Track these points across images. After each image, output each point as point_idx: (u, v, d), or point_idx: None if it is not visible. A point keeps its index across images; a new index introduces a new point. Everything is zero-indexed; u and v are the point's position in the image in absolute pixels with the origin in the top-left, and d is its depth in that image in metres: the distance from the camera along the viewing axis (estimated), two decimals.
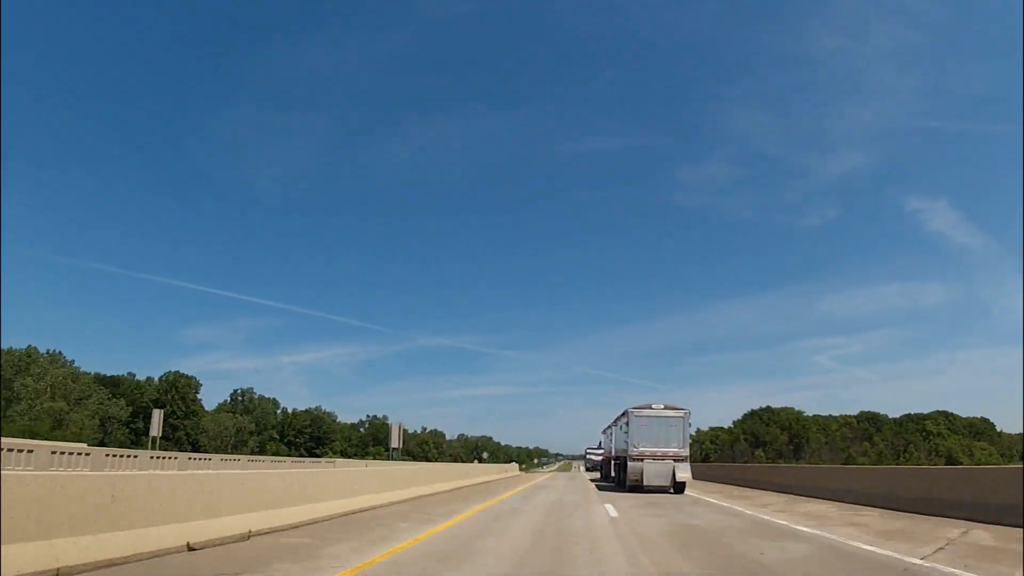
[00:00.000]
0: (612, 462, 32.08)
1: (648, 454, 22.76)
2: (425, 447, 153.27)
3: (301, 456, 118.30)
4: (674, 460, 22.61)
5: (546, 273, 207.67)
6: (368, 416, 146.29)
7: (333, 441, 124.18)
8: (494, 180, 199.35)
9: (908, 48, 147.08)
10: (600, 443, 46.13)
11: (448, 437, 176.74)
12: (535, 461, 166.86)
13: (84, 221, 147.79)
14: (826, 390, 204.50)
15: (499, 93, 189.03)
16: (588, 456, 78.85)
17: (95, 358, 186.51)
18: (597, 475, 46.78)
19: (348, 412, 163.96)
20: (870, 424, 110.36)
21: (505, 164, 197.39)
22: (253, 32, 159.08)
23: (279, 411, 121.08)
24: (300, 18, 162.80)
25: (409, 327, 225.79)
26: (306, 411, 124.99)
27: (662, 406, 23.70)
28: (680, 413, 23.47)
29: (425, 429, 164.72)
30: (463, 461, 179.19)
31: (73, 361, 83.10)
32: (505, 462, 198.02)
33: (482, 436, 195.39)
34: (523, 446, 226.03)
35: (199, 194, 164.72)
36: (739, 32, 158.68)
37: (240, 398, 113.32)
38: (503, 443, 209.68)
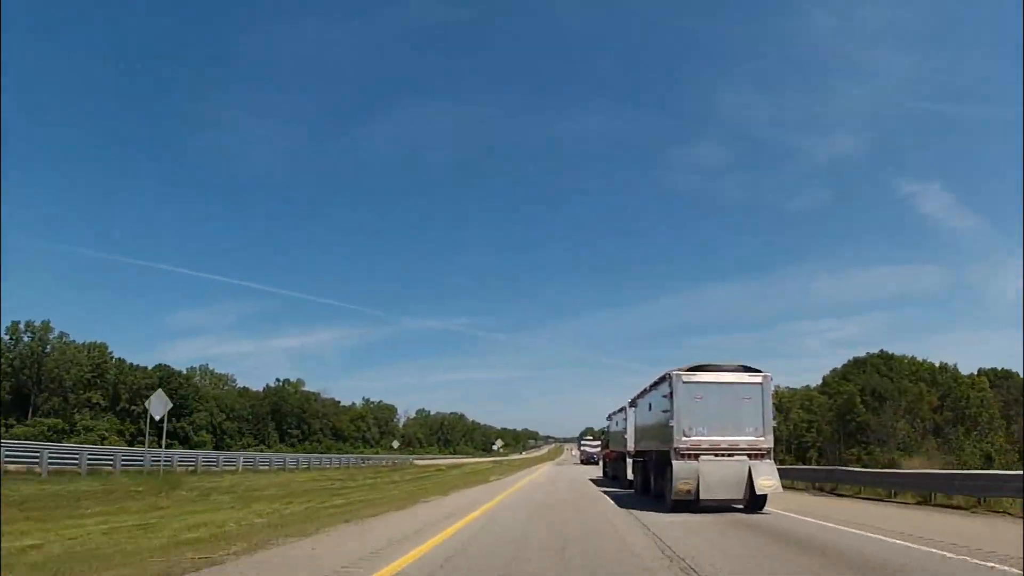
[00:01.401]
0: (631, 460, 22.18)
1: (707, 446, 14.31)
2: (360, 424, 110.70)
3: (133, 437, 76.33)
4: (750, 456, 14.37)
5: (536, 255, 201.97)
6: (278, 381, 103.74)
7: (197, 411, 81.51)
8: (484, 162, 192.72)
9: (902, 28, 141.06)
10: (607, 428, 33.46)
11: (402, 412, 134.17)
12: (497, 444, 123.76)
13: (70, 207, 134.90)
14: (818, 373, 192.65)
15: (489, 74, 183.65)
16: (584, 447, 68.04)
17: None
18: (597, 472, 37.66)
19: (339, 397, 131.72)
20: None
21: (495, 146, 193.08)
22: (239, 14, 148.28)
23: (109, 362, 78.23)
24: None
25: (399, 310, 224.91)
26: (157, 367, 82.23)
27: (728, 365, 15.07)
28: (757, 378, 14.92)
29: (368, 401, 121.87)
30: (420, 445, 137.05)
31: None
32: (481, 446, 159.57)
33: (451, 413, 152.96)
34: (510, 428, 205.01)
35: (185, 177, 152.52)
36: (731, 11, 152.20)
37: (24, 335, 70.26)
38: (483, 423, 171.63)
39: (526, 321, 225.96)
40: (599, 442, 49.40)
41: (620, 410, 26.03)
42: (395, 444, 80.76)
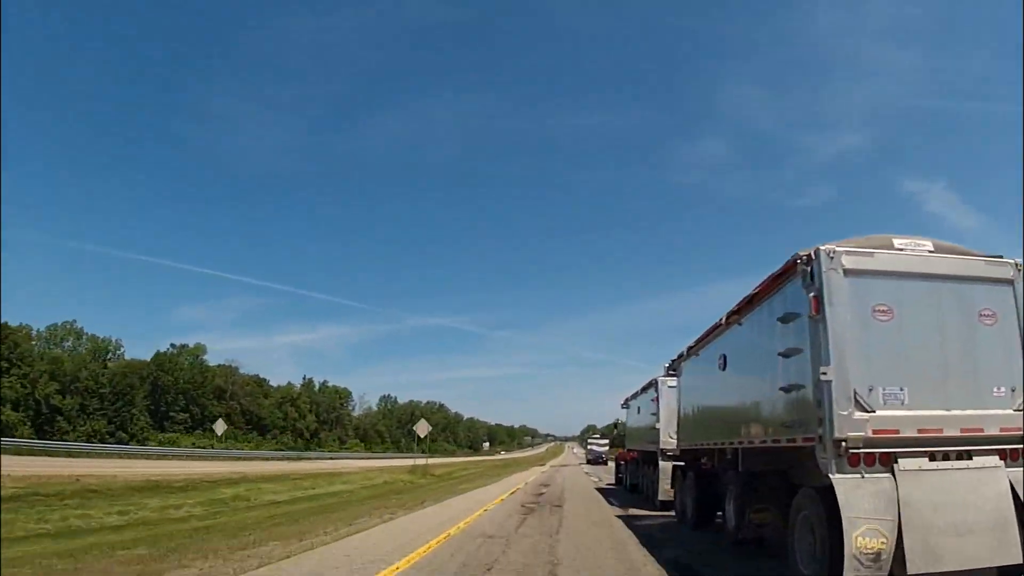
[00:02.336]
0: (666, 465, 13.90)
1: (913, 431, 5.07)
2: (289, 411, 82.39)
3: None
4: (1001, 455, 5.27)
5: (539, 252, 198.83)
6: (172, 347, 75.98)
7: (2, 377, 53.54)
8: (487, 158, 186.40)
9: (907, 25, 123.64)
10: (620, 420, 26.75)
11: (358, 397, 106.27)
12: (423, 429, 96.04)
13: (71, 202, 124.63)
14: None
15: (492, 71, 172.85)
16: (590, 446, 67.07)
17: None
18: (603, 474, 33.92)
19: None
20: None
21: (497, 142, 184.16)
22: (240, 8, 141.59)
23: None
24: None
25: (401, 307, 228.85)
26: None
27: (929, 246, 6.09)
28: (1005, 269, 6.02)
29: (315, 383, 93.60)
30: (379, 438, 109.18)
31: None
32: (467, 443, 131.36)
33: (428, 402, 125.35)
34: (505, 424, 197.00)
35: (188, 173, 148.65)
36: (734, 9, 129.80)
37: None
38: (478, 418, 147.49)
39: (529, 318, 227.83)
40: (607, 440, 45.16)
41: (646, 388, 18.01)
42: (217, 430, 51.52)
